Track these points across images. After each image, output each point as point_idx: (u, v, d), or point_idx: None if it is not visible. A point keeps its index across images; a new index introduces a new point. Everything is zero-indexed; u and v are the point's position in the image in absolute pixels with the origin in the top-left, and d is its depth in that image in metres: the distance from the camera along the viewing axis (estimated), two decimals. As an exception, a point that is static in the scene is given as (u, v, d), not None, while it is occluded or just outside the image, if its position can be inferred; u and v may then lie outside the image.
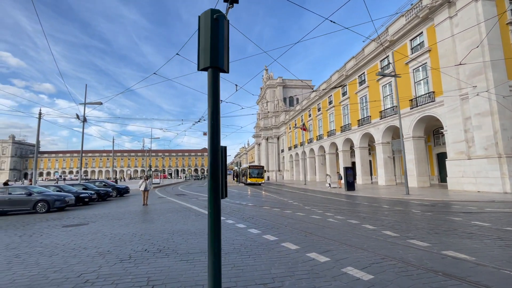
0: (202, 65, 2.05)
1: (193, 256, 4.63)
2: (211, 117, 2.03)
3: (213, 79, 2.04)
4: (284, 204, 12.90)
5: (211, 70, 2.05)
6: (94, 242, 5.92)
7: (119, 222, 8.66)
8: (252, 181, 37.71)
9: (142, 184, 14.39)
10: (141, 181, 14.55)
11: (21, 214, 12.29)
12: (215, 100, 2.04)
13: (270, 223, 7.54)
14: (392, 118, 26.83)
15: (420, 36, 23.44)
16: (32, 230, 7.91)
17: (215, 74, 2.06)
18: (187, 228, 7.15)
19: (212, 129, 2.02)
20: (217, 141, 2.05)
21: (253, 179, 37.95)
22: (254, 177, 38.12)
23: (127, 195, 23.10)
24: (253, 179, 37.89)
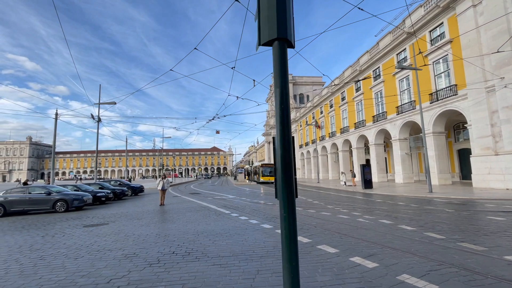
0: (266, 37, 1.67)
1: (225, 260, 4.29)
2: (280, 100, 1.66)
3: (280, 54, 1.67)
4: (304, 203, 12.45)
5: (277, 43, 1.68)
6: (118, 243, 5.68)
7: (140, 222, 8.46)
8: (265, 179, 36.51)
9: (160, 183, 14.17)
10: (159, 180, 14.31)
11: (41, 214, 12.34)
12: (283, 79, 1.66)
13: (298, 224, 7.12)
14: (410, 113, 25.86)
15: (441, 27, 22.40)
16: (53, 230, 7.79)
17: (283, 47, 1.68)
18: (211, 229, 6.84)
19: (282, 113, 1.64)
20: (288, 129, 1.68)
21: (266, 177, 36.80)
22: (266, 175, 37.02)
23: (141, 194, 23.19)
24: (265, 178, 36.75)
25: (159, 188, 14.07)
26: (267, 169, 38.10)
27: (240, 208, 11.20)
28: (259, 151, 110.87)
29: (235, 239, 5.57)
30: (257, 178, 39.58)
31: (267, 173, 37.59)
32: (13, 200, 12.50)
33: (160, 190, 14.05)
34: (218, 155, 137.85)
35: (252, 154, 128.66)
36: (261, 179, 36.77)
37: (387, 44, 28.67)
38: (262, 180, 36.63)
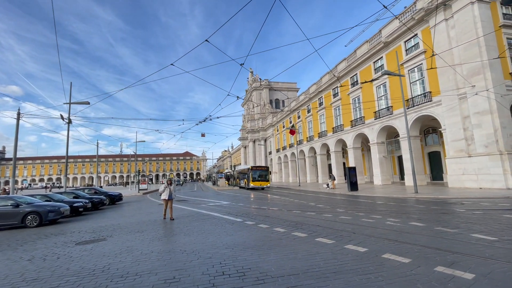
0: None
1: (299, 280, 3.65)
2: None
3: None
4: (309, 207, 12.18)
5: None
6: (141, 264, 4.78)
7: (145, 236, 7.44)
8: (256, 185, 32.32)
9: (165, 191, 10.72)
10: (163, 187, 10.80)
11: (4, 230, 10.42)
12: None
13: (332, 230, 6.71)
14: (387, 118, 27.28)
15: (415, 38, 24.02)
16: (37, 251, 6.48)
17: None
18: (240, 241, 6.13)
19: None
20: None
21: (257, 182, 32.66)
22: (258, 180, 32.92)
23: (119, 202, 21.23)
24: (256, 183, 32.54)
25: (163, 198, 10.78)
26: (258, 173, 34.02)
27: (248, 214, 10.53)
28: (234, 156, 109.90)
29: (282, 252, 4.97)
30: (245, 183, 35.11)
31: (258, 177, 33.67)
32: (-31, 216, 10.44)
33: (164, 200, 10.79)
34: (191, 160, 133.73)
35: (226, 159, 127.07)
36: (251, 184, 32.39)
37: (364, 53, 30.12)
38: (252, 185, 32.31)
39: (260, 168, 35.67)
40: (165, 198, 10.69)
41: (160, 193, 10.77)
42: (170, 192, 10.74)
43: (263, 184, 32.67)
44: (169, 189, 10.77)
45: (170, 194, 10.73)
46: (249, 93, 75.60)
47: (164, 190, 10.74)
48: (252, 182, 32.55)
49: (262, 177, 33.22)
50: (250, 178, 32.87)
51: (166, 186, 10.82)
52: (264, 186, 32.67)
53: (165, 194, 10.72)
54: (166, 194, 10.71)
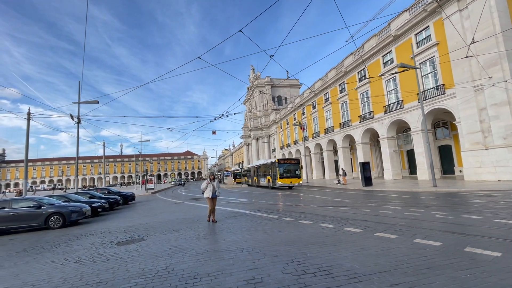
0: None
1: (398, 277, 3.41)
2: None
3: None
4: (337, 202, 11.87)
5: None
6: (206, 264, 4.47)
7: (185, 234, 7.15)
8: (285, 182, 25.28)
9: (208, 188, 9.13)
10: (205, 183, 9.17)
11: (28, 232, 10.09)
12: None
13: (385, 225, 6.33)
14: (398, 112, 27.06)
15: (426, 30, 23.74)
16: (78, 252, 6.17)
17: None
18: (295, 237, 5.80)
19: None
20: None
21: (286, 179, 25.45)
22: (287, 176, 25.69)
23: (132, 202, 20.93)
24: (285, 180, 25.34)
25: (206, 196, 9.13)
26: (286, 167, 26.33)
27: (280, 211, 10.24)
28: (236, 154, 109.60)
29: (351, 248, 4.69)
30: (268, 181, 28.49)
31: (287, 172, 26.09)
32: (-8, 218, 10.11)
33: (208, 198, 9.12)
34: (192, 159, 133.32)
35: (227, 157, 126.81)
36: (278, 182, 25.36)
37: (373, 47, 29.79)
38: (280, 183, 25.26)
39: (289, 161, 27.53)
40: (208, 197, 9.06)
41: (203, 191, 9.20)
42: (214, 189, 9.17)
43: (294, 182, 25.73)
44: (212, 185, 9.19)
45: (214, 192, 9.16)
46: (250, 90, 75.16)
47: (207, 187, 9.13)
48: (280, 179, 25.44)
49: (291, 173, 26.20)
50: (277, 174, 25.73)
51: (208, 182, 9.20)
52: (295, 183, 25.80)
53: (209, 191, 9.09)
54: (210, 192, 9.08)
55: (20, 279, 4.57)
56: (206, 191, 9.14)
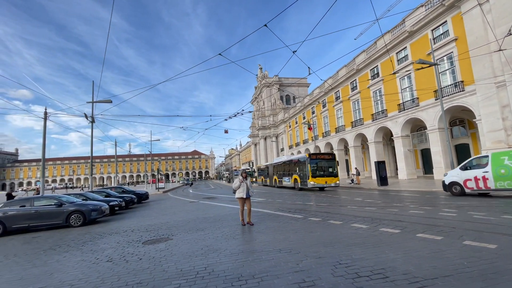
0: None
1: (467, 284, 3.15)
2: None
3: None
4: (359, 202, 11.51)
5: None
6: (246, 265, 4.26)
7: (212, 234, 6.98)
8: (318, 182, 20.78)
9: (241, 186, 8.12)
10: (237, 182, 8.19)
11: (49, 230, 10.11)
12: None
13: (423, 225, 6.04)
14: (413, 110, 26.43)
15: (444, 25, 23.09)
16: (107, 251, 6.06)
17: None
18: (330, 238, 5.51)
19: None
20: None
21: (320, 178, 20.94)
22: (320, 175, 21.19)
23: (146, 201, 20.99)
24: (319, 179, 20.84)
25: (238, 196, 8.14)
26: (319, 163, 21.76)
27: (303, 211, 9.96)
28: (243, 154, 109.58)
29: (398, 250, 4.41)
30: (295, 181, 24.02)
31: (320, 170, 21.56)
32: (15, 215, 10.17)
33: (240, 198, 8.13)
34: (199, 159, 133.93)
35: (234, 157, 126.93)
36: (310, 182, 20.88)
37: (386, 44, 29.15)
38: (313, 183, 20.78)
39: (323, 156, 22.70)
40: (241, 197, 8.07)
41: (234, 190, 8.25)
42: (247, 188, 8.14)
43: (329, 181, 21.11)
44: (246, 184, 8.15)
45: (248, 191, 8.15)
46: (258, 89, 74.95)
47: (240, 185, 8.11)
48: (312, 178, 20.85)
49: (326, 170, 21.71)
50: (308, 172, 21.17)
51: (241, 181, 8.15)
52: (331, 184, 21.17)
53: (242, 191, 8.09)
54: (244, 191, 8.07)
55: (55, 278, 4.47)
56: (239, 191, 8.12)
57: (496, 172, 10.80)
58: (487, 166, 11.26)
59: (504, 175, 10.52)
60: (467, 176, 11.93)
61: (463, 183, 12.01)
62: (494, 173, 10.84)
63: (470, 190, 11.80)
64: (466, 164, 12.43)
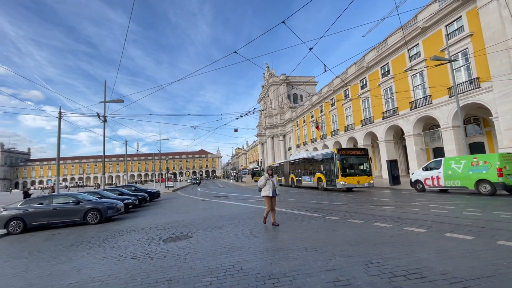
0: None
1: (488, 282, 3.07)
2: None
3: None
4: (374, 201, 11.41)
5: None
6: (274, 264, 4.21)
7: (231, 232, 6.96)
8: (350, 182, 18.04)
9: (267, 184, 7.62)
10: (263, 180, 7.70)
11: (68, 227, 10.27)
12: None
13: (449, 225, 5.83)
14: (425, 108, 25.91)
15: (459, 20, 22.53)
16: (129, 248, 6.10)
17: None
18: (355, 237, 5.39)
19: None
20: None
21: (353, 178, 18.25)
22: (352, 173, 18.58)
23: (157, 199, 21.18)
24: (351, 179, 18.11)
25: (265, 194, 7.59)
26: (350, 159, 19.29)
27: (319, 209, 9.85)
28: (250, 153, 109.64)
29: (428, 249, 4.26)
30: (318, 180, 21.38)
31: (351, 168, 19.05)
32: (35, 212, 10.38)
33: (267, 197, 7.60)
34: (206, 158, 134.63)
35: (241, 156, 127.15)
36: (340, 181, 18.05)
37: (397, 41, 28.67)
38: (343, 183, 18.00)
39: (355, 151, 20.05)
40: (267, 195, 7.54)
41: (260, 188, 7.75)
42: (273, 186, 7.59)
43: (362, 181, 18.35)
44: (272, 182, 7.61)
45: (274, 189, 7.60)
46: (265, 88, 74.80)
47: (266, 183, 7.60)
48: (342, 177, 18.06)
49: (358, 169, 19.17)
50: (337, 170, 18.34)
51: (267, 178, 7.62)
52: (364, 183, 18.42)
53: (268, 189, 7.56)
54: (270, 189, 7.54)
55: (84, 274, 4.52)
56: (265, 189, 7.61)
57: (446, 173, 13.76)
58: (440, 168, 14.08)
59: (451, 176, 13.51)
60: (427, 175, 14.55)
61: (424, 181, 14.67)
62: (445, 174, 13.78)
63: (428, 187, 14.40)
64: (427, 165, 15.03)
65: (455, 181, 13.29)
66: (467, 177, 12.85)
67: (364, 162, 19.75)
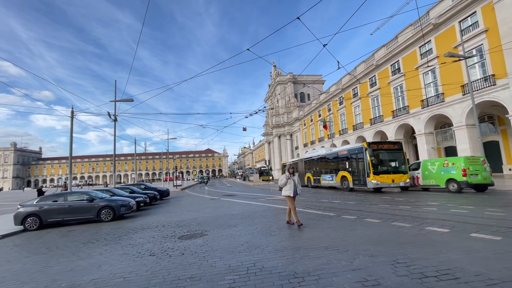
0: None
1: None
2: None
3: None
4: (388, 201, 11.21)
5: None
6: (297, 262, 4.14)
7: (246, 230, 6.90)
8: (383, 181, 15.77)
9: (289, 183, 7.15)
10: (284, 178, 7.21)
11: (82, 224, 10.39)
12: None
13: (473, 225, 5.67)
14: (438, 106, 25.37)
15: (473, 16, 21.96)
16: (146, 245, 6.10)
17: None
18: (375, 236, 5.27)
19: None
20: None
21: (386, 176, 15.90)
22: (385, 171, 16.23)
23: (167, 198, 21.33)
24: (384, 178, 15.82)
25: (286, 194, 7.16)
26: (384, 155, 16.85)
27: (333, 209, 9.70)
28: (256, 152, 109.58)
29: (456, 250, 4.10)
30: (343, 179, 19.04)
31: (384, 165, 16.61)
32: (51, 209, 10.54)
33: (288, 197, 7.18)
34: (212, 157, 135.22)
35: (247, 155, 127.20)
36: (372, 180, 15.78)
37: (408, 38, 28.16)
38: (375, 182, 15.70)
39: (388, 145, 17.29)
40: (289, 195, 7.09)
41: (281, 187, 7.29)
42: (295, 185, 7.13)
43: (398, 180, 15.85)
44: (293, 181, 7.14)
45: (296, 189, 7.14)
46: (272, 87, 74.58)
47: (287, 182, 7.14)
48: (375, 176, 15.72)
49: (391, 166, 16.54)
50: (368, 167, 16.07)
51: (288, 177, 7.15)
52: (400, 182, 15.89)
53: (289, 188, 7.10)
54: (291, 188, 7.07)
55: (105, 270, 4.53)
56: (286, 188, 7.14)
57: (423, 173, 15.90)
58: (420, 169, 16.27)
59: (428, 176, 15.55)
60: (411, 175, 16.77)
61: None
62: (423, 174, 15.94)
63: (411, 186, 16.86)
64: (409, 166, 17.18)
65: (431, 180, 15.32)
66: (439, 176, 14.65)
67: (398, 158, 16.99)
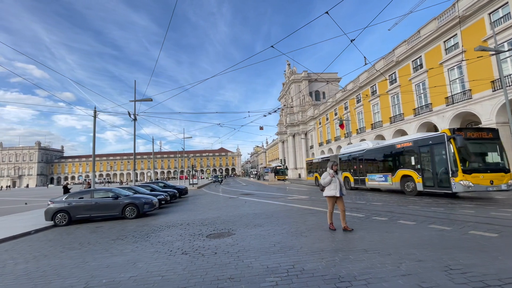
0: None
1: None
2: None
3: None
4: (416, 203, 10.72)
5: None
6: (338, 265, 3.98)
7: (273, 230, 6.78)
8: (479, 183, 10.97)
9: (333, 183, 6.35)
10: (328, 177, 6.37)
11: (107, 221, 10.63)
12: None
13: None
14: (464, 103, 24.16)
15: (504, 7, 20.71)
16: (175, 243, 6.10)
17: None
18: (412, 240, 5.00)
19: None
20: None
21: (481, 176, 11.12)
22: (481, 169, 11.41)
23: (185, 196, 21.57)
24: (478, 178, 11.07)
25: (330, 194, 6.36)
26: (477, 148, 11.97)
27: (359, 209, 9.45)
28: (269, 151, 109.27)
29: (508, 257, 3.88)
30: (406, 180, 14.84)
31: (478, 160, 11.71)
32: (78, 206, 10.86)
33: (331, 197, 6.42)
34: (226, 156, 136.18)
35: (260, 154, 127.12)
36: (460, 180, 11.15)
37: (432, 32, 26.99)
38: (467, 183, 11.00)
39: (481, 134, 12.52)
40: (333, 195, 6.30)
41: (323, 186, 6.48)
42: (340, 184, 6.33)
43: (498, 181, 11.20)
44: (338, 180, 6.36)
45: (341, 188, 6.33)
46: (286, 86, 74.00)
47: (331, 181, 6.31)
48: (465, 175, 11.20)
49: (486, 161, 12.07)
50: (452, 163, 11.61)
51: (333, 175, 6.35)
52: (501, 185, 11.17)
53: (334, 187, 6.28)
54: (336, 188, 6.26)
55: (141, 268, 4.53)
56: (329, 188, 6.32)
57: None
58: None
59: None
60: None
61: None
62: None
63: None
64: None
65: None
66: None
67: (494, 151, 12.47)
